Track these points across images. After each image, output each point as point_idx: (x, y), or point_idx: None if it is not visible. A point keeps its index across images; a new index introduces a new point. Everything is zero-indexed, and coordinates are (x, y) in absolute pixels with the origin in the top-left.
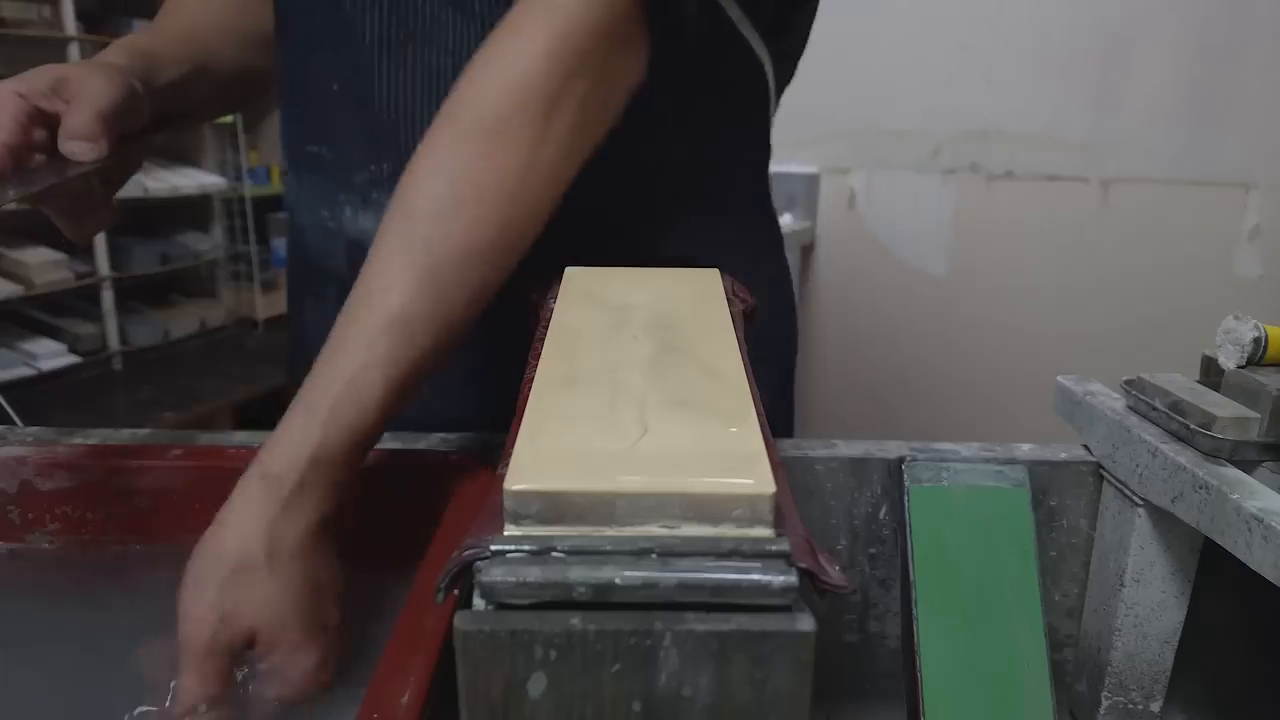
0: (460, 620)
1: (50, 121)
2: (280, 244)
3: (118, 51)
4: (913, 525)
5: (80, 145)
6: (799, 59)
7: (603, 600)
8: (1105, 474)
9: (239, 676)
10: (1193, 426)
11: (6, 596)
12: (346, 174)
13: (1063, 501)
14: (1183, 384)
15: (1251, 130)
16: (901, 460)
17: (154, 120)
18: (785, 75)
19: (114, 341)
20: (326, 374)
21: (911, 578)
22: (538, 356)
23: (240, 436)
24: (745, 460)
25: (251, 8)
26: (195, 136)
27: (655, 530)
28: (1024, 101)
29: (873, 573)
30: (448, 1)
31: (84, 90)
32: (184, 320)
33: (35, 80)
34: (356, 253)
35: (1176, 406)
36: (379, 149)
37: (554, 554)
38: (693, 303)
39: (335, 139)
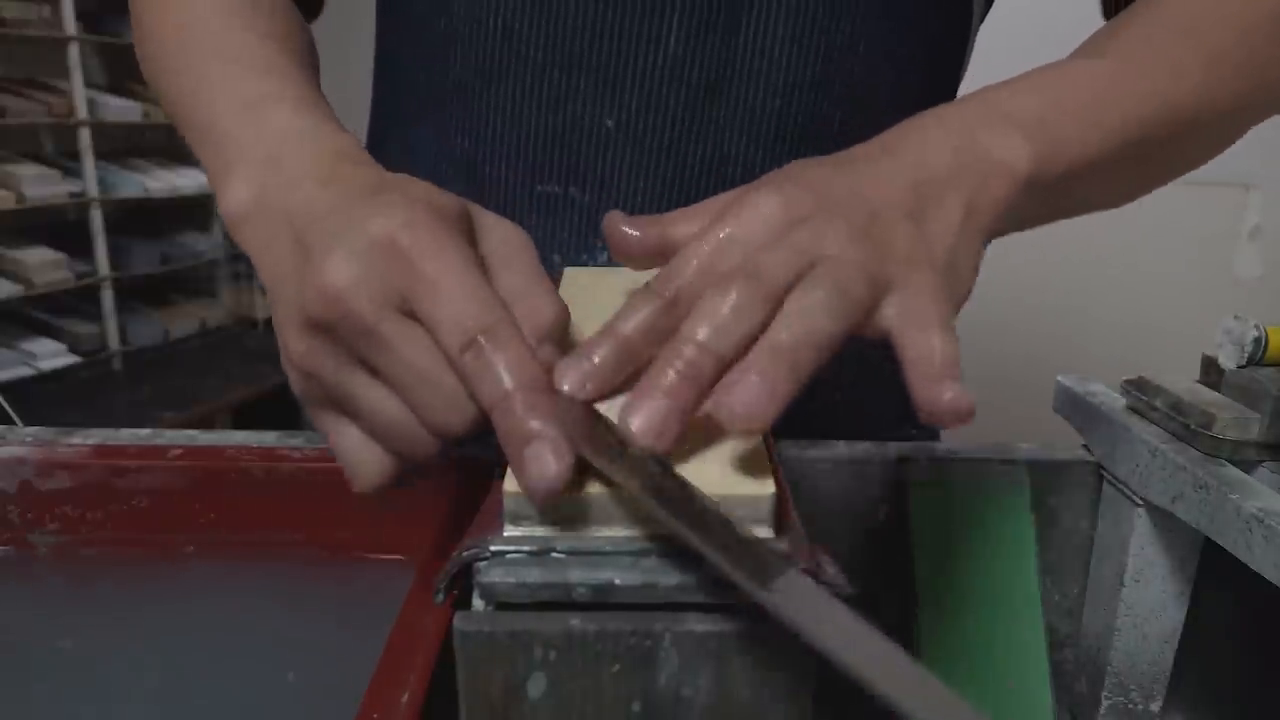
0: (460, 621)
1: None
2: None
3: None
4: (913, 525)
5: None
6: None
7: (602, 601)
8: (1105, 474)
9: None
10: (1193, 426)
11: (6, 597)
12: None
13: (1063, 501)
14: (1183, 384)
15: (1251, 131)
16: (901, 460)
17: None
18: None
19: (114, 341)
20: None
21: (912, 577)
22: None
23: (240, 436)
24: (745, 460)
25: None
26: None
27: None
28: None
29: (873, 573)
30: (792, 39)
31: (511, 245)
32: (184, 320)
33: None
34: None
35: (1176, 406)
36: (675, 194)
37: (553, 555)
38: None
39: (601, 180)
